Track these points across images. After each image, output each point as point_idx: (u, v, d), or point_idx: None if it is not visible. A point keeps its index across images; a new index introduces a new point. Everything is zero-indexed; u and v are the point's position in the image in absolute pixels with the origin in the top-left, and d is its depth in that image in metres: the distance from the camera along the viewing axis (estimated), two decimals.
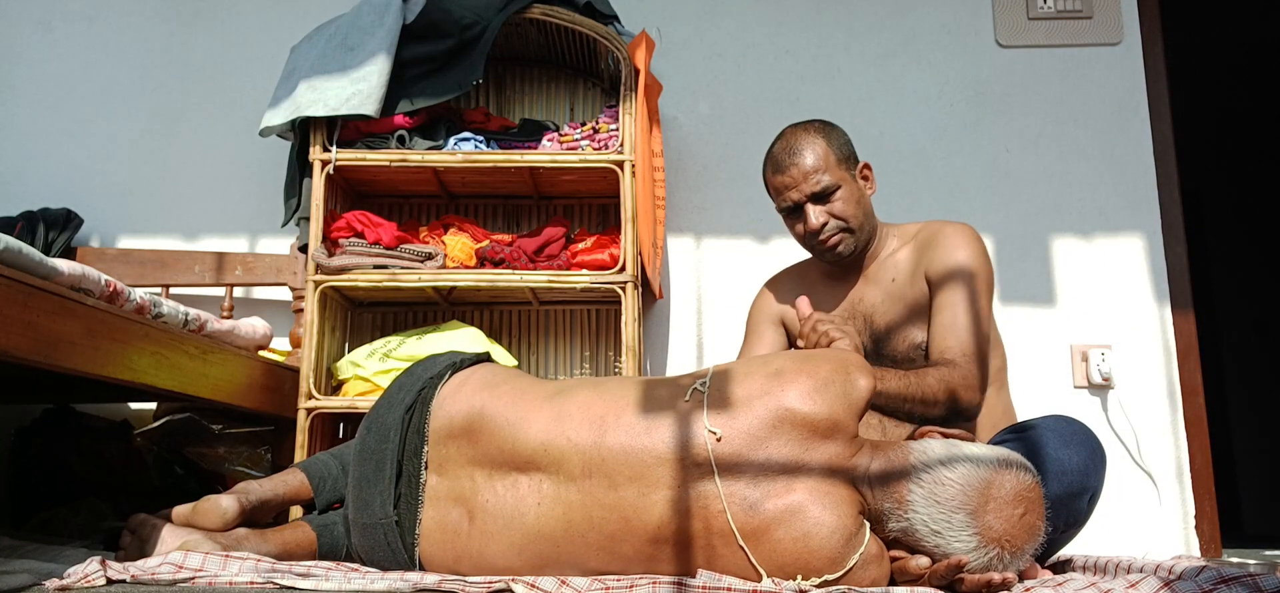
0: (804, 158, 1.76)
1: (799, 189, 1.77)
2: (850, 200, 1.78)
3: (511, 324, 2.60)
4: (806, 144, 1.77)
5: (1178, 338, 2.59)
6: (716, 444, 1.25)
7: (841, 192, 1.77)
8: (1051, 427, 1.53)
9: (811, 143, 1.77)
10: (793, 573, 1.18)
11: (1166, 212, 2.65)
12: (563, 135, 2.38)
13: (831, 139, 1.79)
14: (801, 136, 1.79)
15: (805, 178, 1.76)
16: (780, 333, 1.95)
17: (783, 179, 1.79)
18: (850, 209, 1.77)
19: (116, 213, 2.66)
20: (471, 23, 2.27)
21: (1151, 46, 2.74)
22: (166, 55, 2.76)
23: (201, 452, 2.18)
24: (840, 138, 1.81)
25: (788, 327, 1.94)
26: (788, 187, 1.78)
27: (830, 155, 1.77)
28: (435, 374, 1.47)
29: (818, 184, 1.76)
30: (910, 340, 1.75)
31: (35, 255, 1.34)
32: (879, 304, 1.80)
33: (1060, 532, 1.47)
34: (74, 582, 1.15)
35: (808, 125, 1.81)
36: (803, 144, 1.77)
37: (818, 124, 1.82)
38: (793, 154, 1.77)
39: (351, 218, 2.30)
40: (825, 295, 1.89)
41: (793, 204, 1.79)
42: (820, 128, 1.81)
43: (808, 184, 1.76)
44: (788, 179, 1.78)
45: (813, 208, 1.77)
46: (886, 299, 1.79)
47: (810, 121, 1.83)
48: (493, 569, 1.29)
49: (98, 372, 1.45)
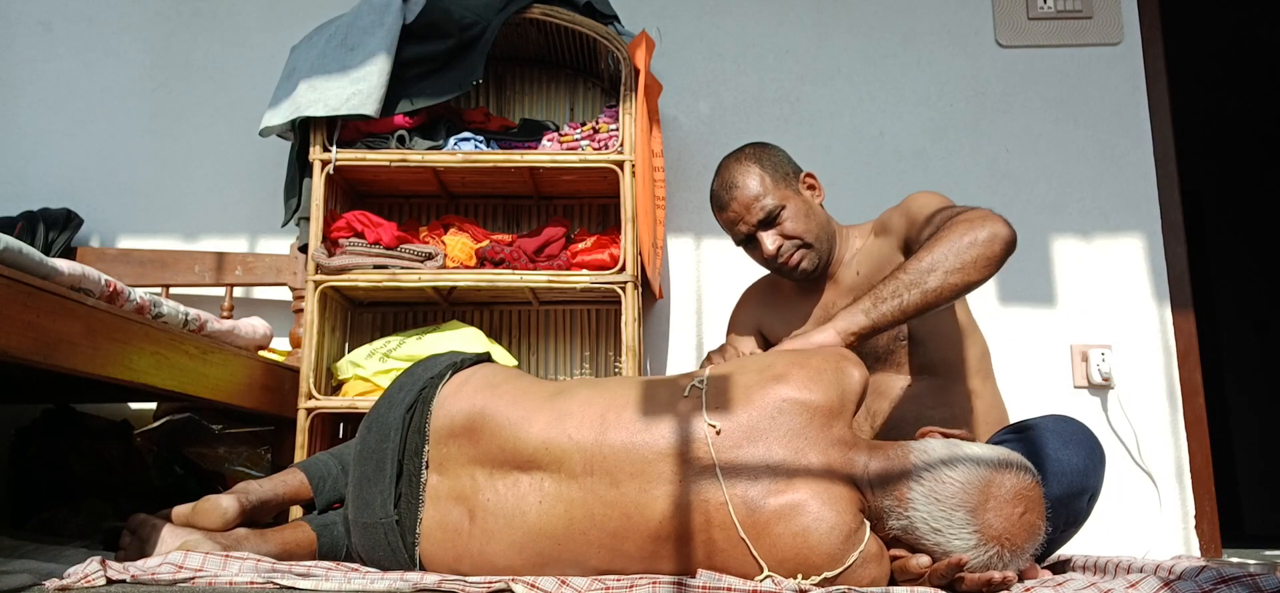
0: (742, 189, 1.77)
1: (744, 222, 1.78)
2: (799, 216, 1.77)
3: (511, 324, 2.60)
4: (741, 174, 1.78)
5: (1178, 338, 2.59)
6: (716, 439, 1.25)
7: (787, 210, 1.77)
8: (1051, 427, 1.53)
9: (746, 172, 1.78)
10: (792, 570, 1.18)
11: (1166, 212, 2.65)
12: (563, 135, 2.39)
13: (765, 162, 1.79)
14: (735, 169, 1.79)
15: (747, 208, 1.77)
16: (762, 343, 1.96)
17: (727, 216, 1.80)
18: (801, 224, 1.77)
19: (116, 213, 2.66)
20: (471, 23, 2.27)
21: (1151, 46, 2.74)
22: (166, 55, 2.76)
23: (201, 452, 2.18)
24: (775, 157, 1.81)
25: (767, 336, 1.95)
26: (734, 221, 1.79)
27: (766, 179, 1.77)
28: (436, 374, 1.47)
29: (762, 211, 1.76)
30: (889, 335, 1.72)
31: (35, 255, 1.34)
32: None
33: (1060, 531, 1.47)
34: (74, 582, 1.15)
35: (740, 155, 1.82)
36: (737, 176, 1.78)
37: (750, 149, 1.82)
38: (730, 189, 1.78)
39: (351, 218, 2.30)
40: (798, 306, 1.89)
41: (744, 235, 1.80)
42: (753, 153, 1.81)
43: (751, 214, 1.77)
44: (731, 215, 1.79)
45: (764, 234, 1.77)
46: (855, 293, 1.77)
47: (743, 149, 1.84)
48: (494, 569, 1.29)
49: (98, 372, 1.45)
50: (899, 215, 1.74)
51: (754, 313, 1.98)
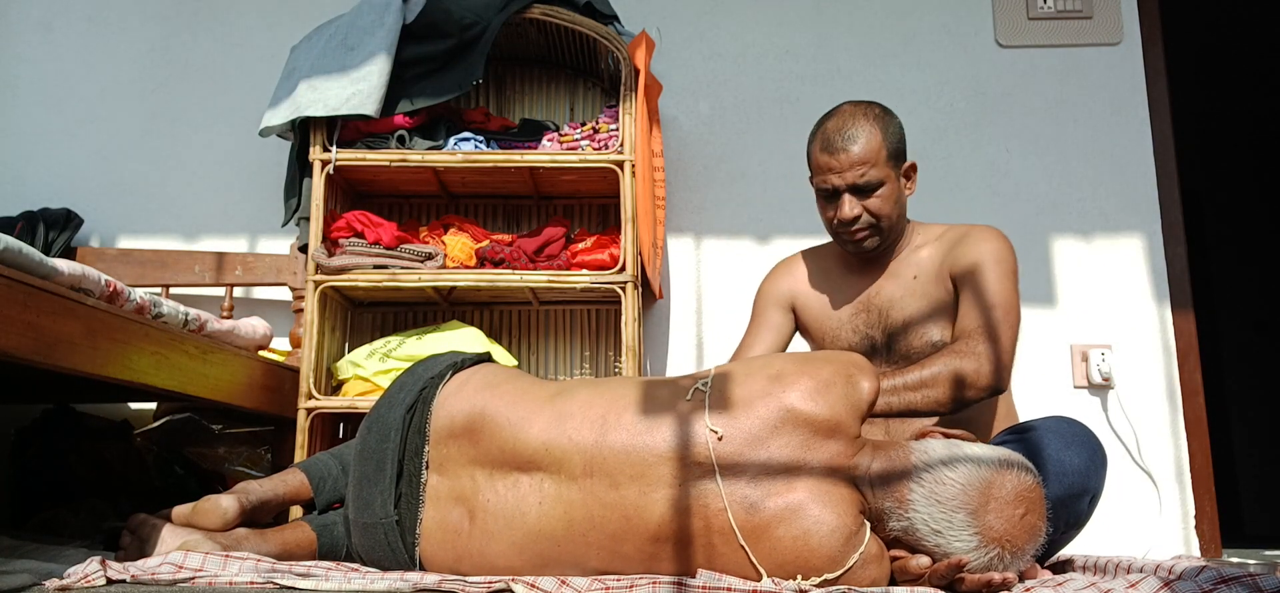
0: (856, 145, 1.66)
1: (842, 176, 1.68)
2: (889, 199, 1.70)
3: (511, 324, 2.59)
4: (863, 131, 1.67)
5: (1178, 338, 2.59)
6: (717, 444, 1.25)
7: (883, 189, 1.69)
8: (1052, 428, 1.53)
9: (868, 131, 1.67)
10: (792, 572, 1.18)
11: (1166, 212, 2.65)
12: (563, 135, 2.38)
13: (888, 131, 1.70)
14: (860, 120, 1.68)
15: (851, 166, 1.67)
16: (788, 318, 1.89)
17: (828, 160, 1.69)
18: (887, 207, 1.70)
19: (116, 213, 2.66)
20: (471, 23, 2.27)
21: (1151, 46, 2.74)
22: (166, 55, 2.76)
23: (201, 452, 2.18)
24: (896, 131, 1.72)
25: (798, 310, 1.89)
26: (831, 169, 1.69)
27: (883, 149, 1.68)
28: (436, 374, 1.47)
29: (862, 177, 1.67)
30: (926, 338, 1.71)
31: (35, 255, 1.34)
32: (897, 299, 1.76)
33: (1061, 533, 1.47)
34: (74, 582, 1.15)
35: (867, 108, 1.71)
36: (859, 130, 1.67)
37: (878, 109, 1.72)
38: (846, 138, 1.67)
39: (351, 218, 2.30)
40: (841, 284, 1.84)
41: (832, 188, 1.70)
42: (879, 115, 1.71)
43: (852, 173, 1.67)
44: (834, 162, 1.68)
45: (850, 198, 1.69)
46: (905, 295, 1.75)
47: (870, 104, 1.72)
48: (494, 569, 1.29)
49: (98, 372, 1.45)
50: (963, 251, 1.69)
51: (789, 285, 1.90)
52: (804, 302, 1.88)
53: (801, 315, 1.89)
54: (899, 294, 1.76)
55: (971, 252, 1.68)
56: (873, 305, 1.79)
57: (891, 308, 1.77)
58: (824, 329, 1.84)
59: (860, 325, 1.79)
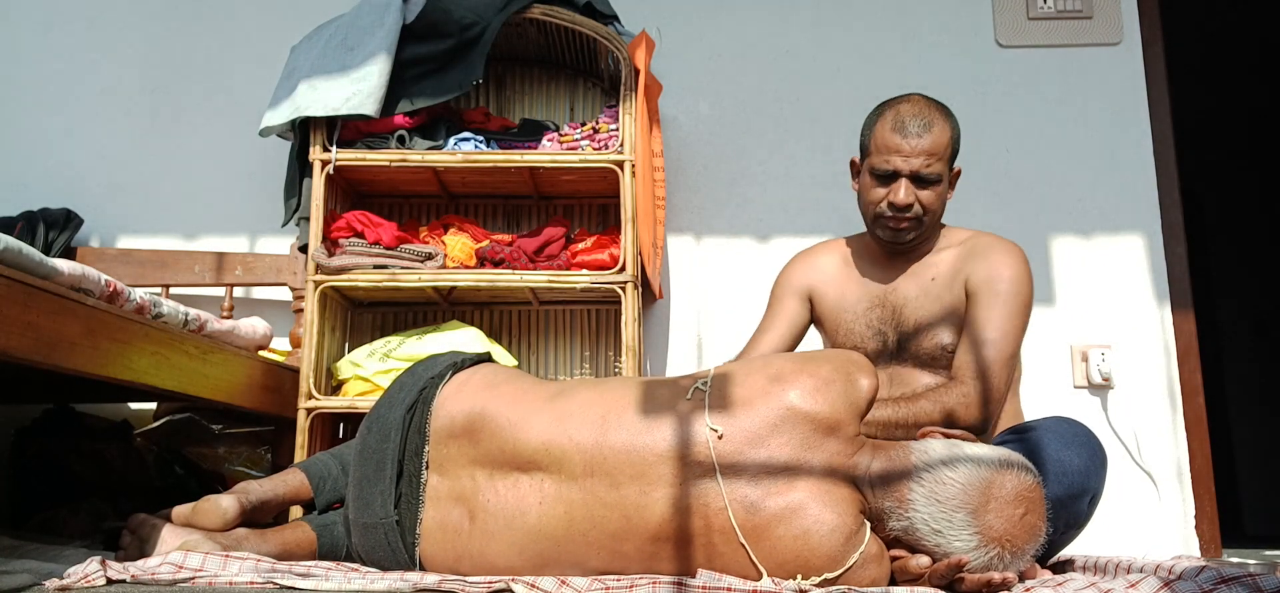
0: (930, 136, 1.70)
1: (908, 161, 1.70)
2: (939, 196, 1.74)
3: (511, 324, 2.59)
4: (938, 123, 1.71)
5: (1178, 338, 2.59)
6: (718, 443, 1.25)
7: (939, 185, 1.73)
8: (1052, 428, 1.53)
9: (941, 125, 1.72)
10: (793, 571, 1.18)
11: (1166, 212, 2.65)
12: (563, 135, 2.38)
13: (955, 131, 1.75)
14: (935, 114, 1.72)
15: (919, 153, 1.69)
16: (804, 308, 1.91)
17: (899, 142, 1.70)
18: (936, 204, 1.74)
19: (116, 213, 2.66)
20: (471, 23, 2.27)
21: (1151, 46, 2.74)
22: (166, 55, 2.76)
23: (201, 452, 2.18)
24: (958, 134, 1.77)
25: (815, 301, 1.90)
26: (900, 152, 1.70)
27: (949, 147, 1.73)
28: (436, 374, 1.47)
29: (927, 167, 1.70)
30: (937, 341, 1.72)
31: (35, 255, 1.34)
32: (912, 299, 1.77)
33: (1061, 533, 1.47)
34: (74, 582, 1.15)
35: (940, 106, 1.75)
36: (934, 121, 1.71)
37: (947, 109, 1.76)
38: (923, 125, 1.70)
39: (351, 218, 2.30)
40: (860, 278, 1.86)
41: (892, 171, 1.71)
42: (948, 114, 1.75)
43: (918, 160, 1.69)
44: (905, 146, 1.69)
45: (908, 184, 1.71)
46: (921, 296, 1.77)
47: (941, 104, 1.77)
48: (494, 569, 1.29)
49: (98, 372, 1.45)
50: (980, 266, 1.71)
51: (808, 275, 1.92)
52: (821, 292, 1.89)
53: (818, 306, 1.90)
54: (914, 294, 1.78)
55: (988, 269, 1.70)
56: (888, 302, 1.80)
57: (905, 307, 1.78)
58: (839, 321, 1.85)
59: (874, 321, 1.81)
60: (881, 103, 1.80)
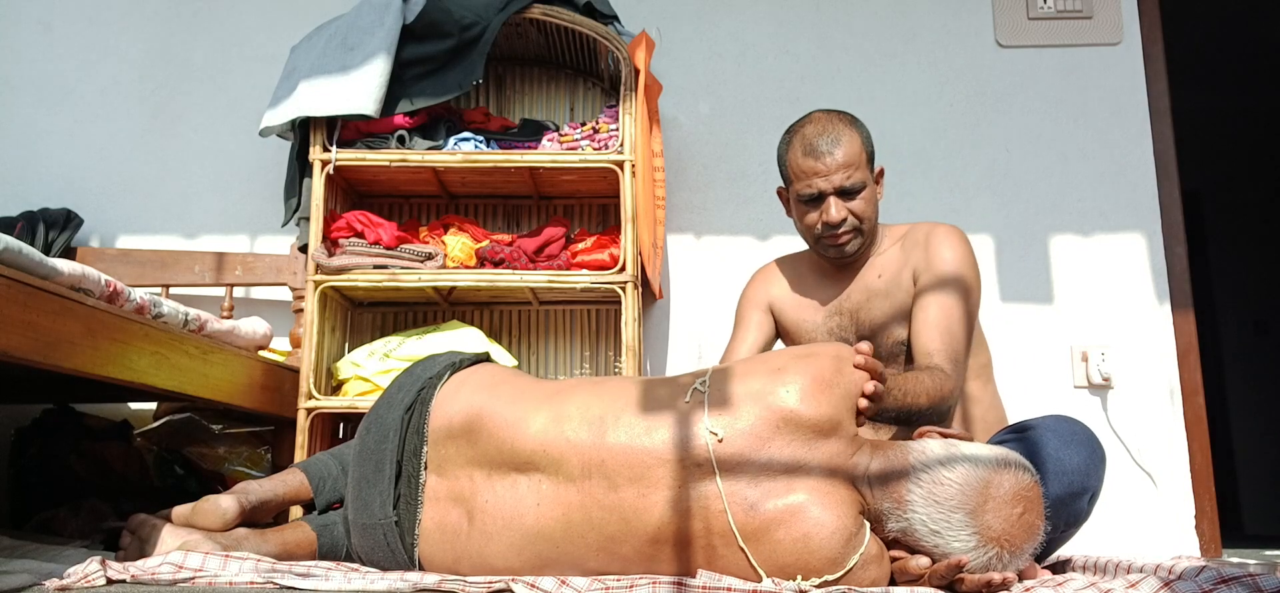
0: (842, 150, 1.70)
1: (829, 180, 1.71)
2: (869, 201, 1.75)
3: (511, 324, 2.59)
4: (846, 135, 1.72)
5: (1178, 338, 2.59)
6: (717, 445, 1.25)
7: (865, 192, 1.74)
8: (1051, 427, 1.53)
9: (850, 136, 1.72)
10: (793, 573, 1.18)
11: (1166, 212, 2.65)
12: (563, 135, 2.39)
13: (865, 135, 1.76)
14: (840, 126, 1.73)
15: (838, 170, 1.70)
16: (768, 320, 1.94)
17: (814, 165, 1.71)
18: (867, 210, 1.75)
19: (116, 213, 2.66)
20: (471, 23, 2.27)
21: (1151, 46, 2.74)
22: (166, 55, 2.76)
23: (201, 452, 2.18)
24: (868, 135, 1.78)
25: (776, 315, 1.93)
26: (817, 173, 1.71)
27: (863, 153, 1.74)
28: (434, 374, 1.47)
29: (848, 179, 1.71)
30: (894, 337, 1.75)
31: (35, 255, 1.34)
32: (865, 302, 1.80)
33: (1060, 532, 1.47)
34: (74, 582, 1.15)
35: (842, 115, 1.76)
36: (842, 135, 1.72)
37: (850, 116, 1.77)
38: (832, 143, 1.71)
39: (351, 218, 2.30)
40: (815, 290, 1.89)
41: (817, 193, 1.73)
42: (854, 121, 1.76)
43: (839, 176, 1.71)
44: (821, 166, 1.71)
45: (836, 201, 1.72)
46: (872, 297, 1.79)
47: (842, 113, 1.78)
48: (492, 570, 1.29)
49: (98, 372, 1.45)
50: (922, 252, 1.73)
51: (769, 290, 1.94)
52: (780, 308, 1.93)
53: (779, 321, 1.93)
54: (866, 297, 1.80)
55: (933, 254, 1.72)
56: (844, 309, 1.83)
57: (860, 311, 1.81)
58: (800, 334, 1.89)
59: (834, 329, 1.84)
60: (788, 128, 1.81)
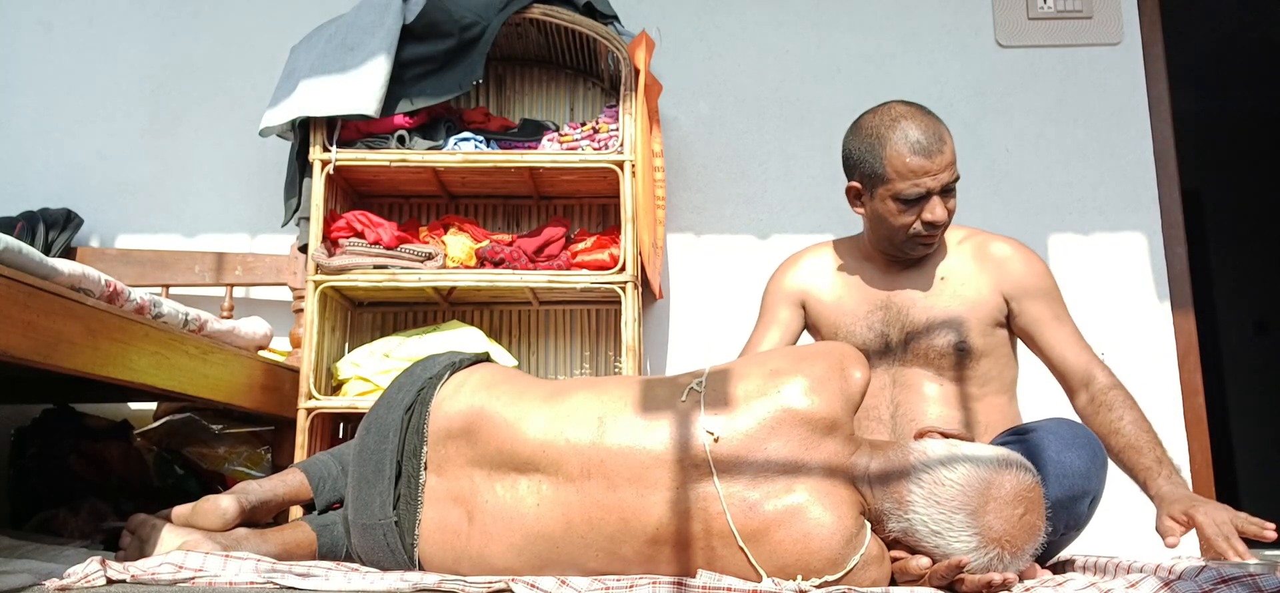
0: (948, 146, 1.66)
1: (937, 177, 1.65)
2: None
3: (511, 324, 2.59)
4: (946, 133, 1.68)
5: (1178, 338, 2.59)
6: (715, 445, 1.25)
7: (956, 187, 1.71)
8: (1053, 429, 1.53)
9: (948, 133, 1.68)
10: (793, 574, 1.18)
11: (1166, 212, 2.65)
12: (563, 135, 2.38)
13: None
14: (938, 124, 1.69)
15: (947, 167, 1.65)
16: (798, 314, 1.87)
17: (925, 164, 1.64)
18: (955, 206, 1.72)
19: (116, 213, 2.66)
20: (471, 23, 2.27)
21: (1151, 46, 2.74)
22: (166, 55, 2.76)
23: (201, 452, 2.18)
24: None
25: (809, 307, 1.87)
26: (928, 172, 1.64)
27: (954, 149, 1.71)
28: (434, 374, 1.47)
29: (954, 175, 1.67)
30: (948, 340, 1.69)
31: (35, 255, 1.34)
32: (920, 300, 1.74)
33: (1060, 535, 1.47)
34: (74, 582, 1.15)
35: (928, 111, 1.71)
36: (943, 133, 1.67)
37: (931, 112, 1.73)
38: (939, 140, 1.65)
39: (351, 218, 2.30)
40: (859, 281, 1.82)
41: (926, 191, 1.65)
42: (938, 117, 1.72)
43: (947, 174, 1.66)
44: (931, 165, 1.64)
45: (941, 199, 1.67)
46: (930, 297, 1.74)
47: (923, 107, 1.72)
48: (492, 570, 1.29)
49: (98, 372, 1.45)
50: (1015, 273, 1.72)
51: (800, 280, 1.87)
52: (816, 297, 1.85)
53: (812, 311, 1.86)
54: (922, 296, 1.75)
55: (1032, 278, 1.74)
56: (893, 304, 1.76)
57: (913, 308, 1.74)
58: (837, 325, 1.81)
59: (876, 323, 1.76)
60: (872, 125, 1.73)
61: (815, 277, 1.87)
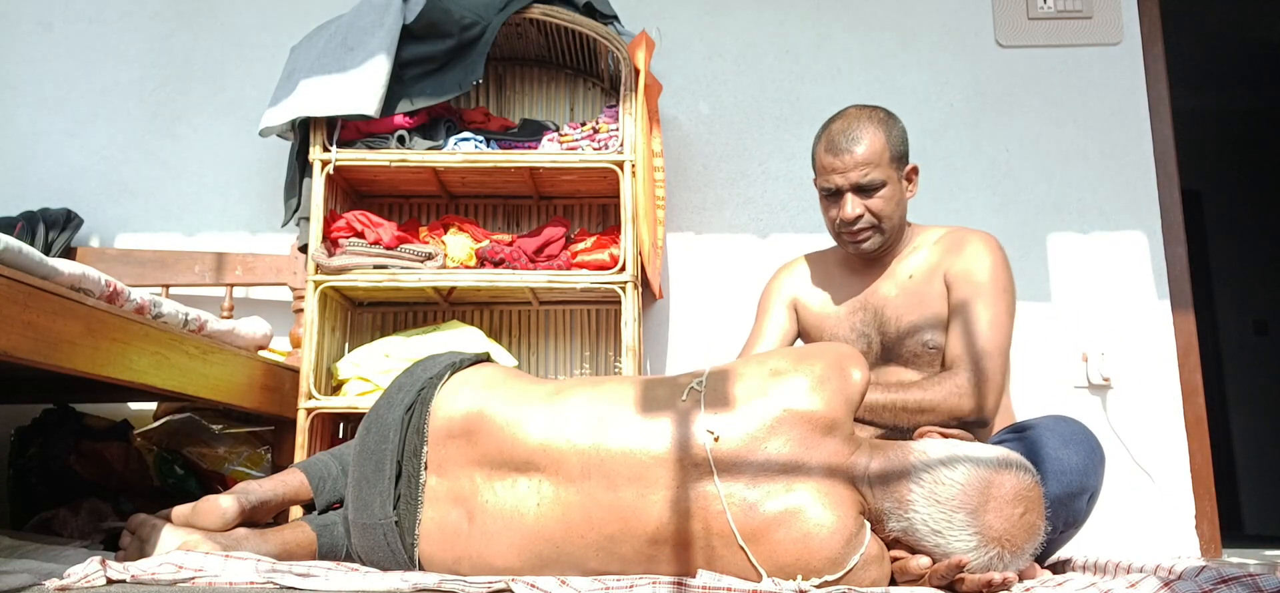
0: (861, 147, 1.71)
1: (845, 176, 1.72)
2: (891, 200, 1.74)
3: (511, 324, 2.59)
4: (867, 132, 1.72)
5: (1178, 338, 2.59)
6: (715, 445, 1.25)
7: (885, 190, 1.73)
8: (1051, 427, 1.53)
9: (872, 132, 1.72)
10: (793, 573, 1.18)
11: (1166, 212, 2.65)
12: (563, 135, 2.38)
13: (891, 133, 1.75)
14: (865, 123, 1.74)
15: (855, 167, 1.71)
16: (792, 318, 1.93)
17: (833, 161, 1.73)
18: (888, 208, 1.74)
19: (116, 213, 2.66)
20: (471, 23, 2.27)
21: (1151, 46, 2.74)
22: (166, 55, 2.76)
23: (201, 452, 2.18)
24: (899, 133, 1.77)
25: (799, 311, 1.93)
26: (835, 170, 1.73)
27: (886, 151, 1.73)
28: (435, 374, 1.47)
29: (865, 177, 1.72)
30: (920, 339, 1.73)
31: (35, 255, 1.34)
32: (893, 300, 1.78)
33: (1059, 532, 1.47)
34: (74, 582, 1.15)
35: (873, 112, 1.76)
36: (864, 131, 1.72)
37: (883, 113, 1.77)
38: (851, 139, 1.72)
39: (351, 218, 2.30)
40: (840, 285, 1.87)
41: (834, 188, 1.75)
42: (883, 119, 1.76)
43: (855, 174, 1.71)
44: (838, 163, 1.72)
45: (852, 198, 1.73)
46: (901, 295, 1.77)
47: (876, 109, 1.78)
48: (492, 570, 1.29)
49: (98, 372, 1.45)
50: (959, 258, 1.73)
51: (791, 286, 1.94)
52: (805, 301, 1.92)
53: (801, 315, 1.93)
54: (894, 295, 1.79)
55: (968, 262, 1.72)
56: (869, 305, 1.82)
57: (886, 308, 1.79)
58: (822, 328, 1.88)
59: (857, 324, 1.82)
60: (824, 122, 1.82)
61: (805, 281, 1.94)
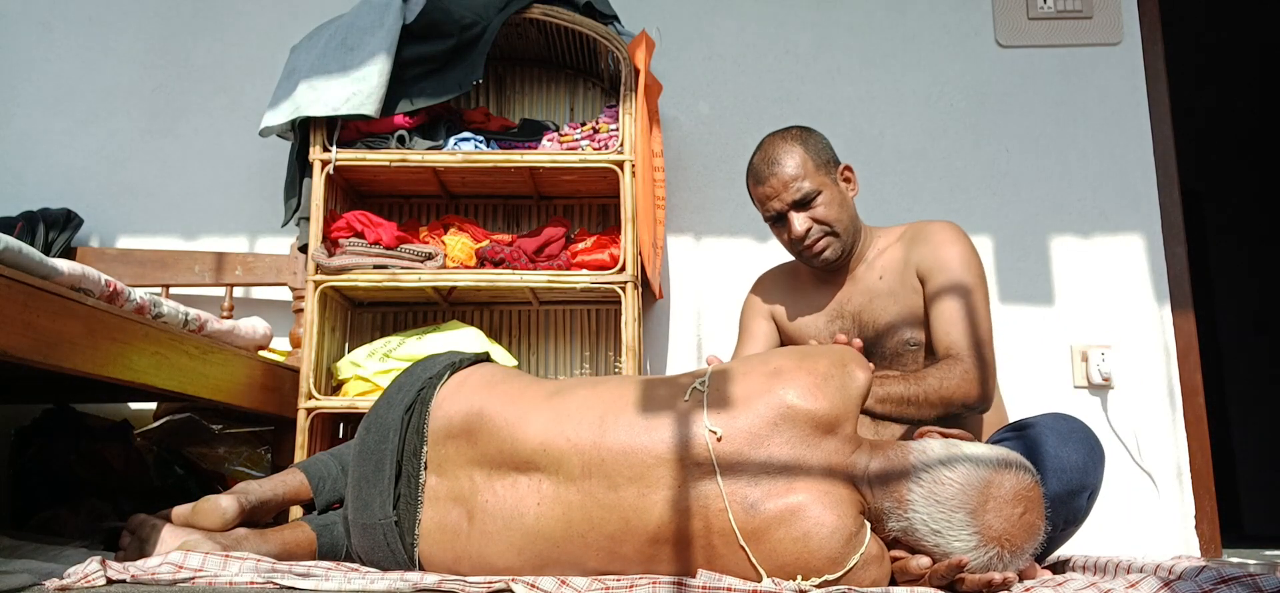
0: (783, 166, 1.78)
1: (779, 198, 1.79)
2: (832, 204, 1.80)
3: (511, 324, 2.59)
4: (785, 152, 1.79)
5: (1178, 338, 2.59)
6: (717, 444, 1.25)
7: (823, 196, 1.79)
8: (1050, 425, 1.54)
9: (790, 150, 1.79)
10: (793, 573, 1.18)
11: (1166, 212, 2.65)
12: (563, 135, 2.39)
13: (809, 145, 1.81)
14: (780, 145, 1.81)
15: (785, 187, 1.78)
16: (772, 327, 1.97)
17: (763, 189, 1.81)
18: (833, 212, 1.79)
19: (116, 213, 2.66)
20: (471, 23, 2.27)
21: (1151, 46, 2.74)
22: (166, 55, 2.76)
23: (201, 452, 2.18)
24: (818, 142, 1.83)
25: (778, 323, 1.97)
26: (769, 196, 1.81)
27: (809, 162, 1.79)
28: (434, 374, 1.47)
29: (798, 192, 1.77)
30: (901, 337, 1.76)
31: (35, 255, 1.34)
32: (867, 304, 1.82)
33: (1059, 530, 1.47)
34: (74, 582, 1.15)
35: (785, 133, 1.84)
36: (781, 153, 1.80)
37: (796, 131, 1.84)
38: (771, 164, 1.80)
39: (351, 218, 2.30)
40: (813, 297, 1.91)
41: (776, 213, 1.82)
42: (798, 135, 1.83)
43: (788, 193, 1.78)
44: (768, 189, 1.80)
45: (795, 215, 1.79)
46: (875, 298, 1.81)
47: (788, 129, 1.85)
48: (492, 570, 1.29)
49: (98, 372, 1.45)
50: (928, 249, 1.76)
51: (769, 297, 1.99)
52: (781, 315, 1.96)
53: (780, 325, 1.96)
54: (868, 299, 1.82)
55: (938, 252, 1.74)
56: (846, 313, 1.85)
57: (862, 313, 1.83)
58: (803, 341, 1.91)
59: (836, 331, 1.85)
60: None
61: (777, 294, 1.99)
